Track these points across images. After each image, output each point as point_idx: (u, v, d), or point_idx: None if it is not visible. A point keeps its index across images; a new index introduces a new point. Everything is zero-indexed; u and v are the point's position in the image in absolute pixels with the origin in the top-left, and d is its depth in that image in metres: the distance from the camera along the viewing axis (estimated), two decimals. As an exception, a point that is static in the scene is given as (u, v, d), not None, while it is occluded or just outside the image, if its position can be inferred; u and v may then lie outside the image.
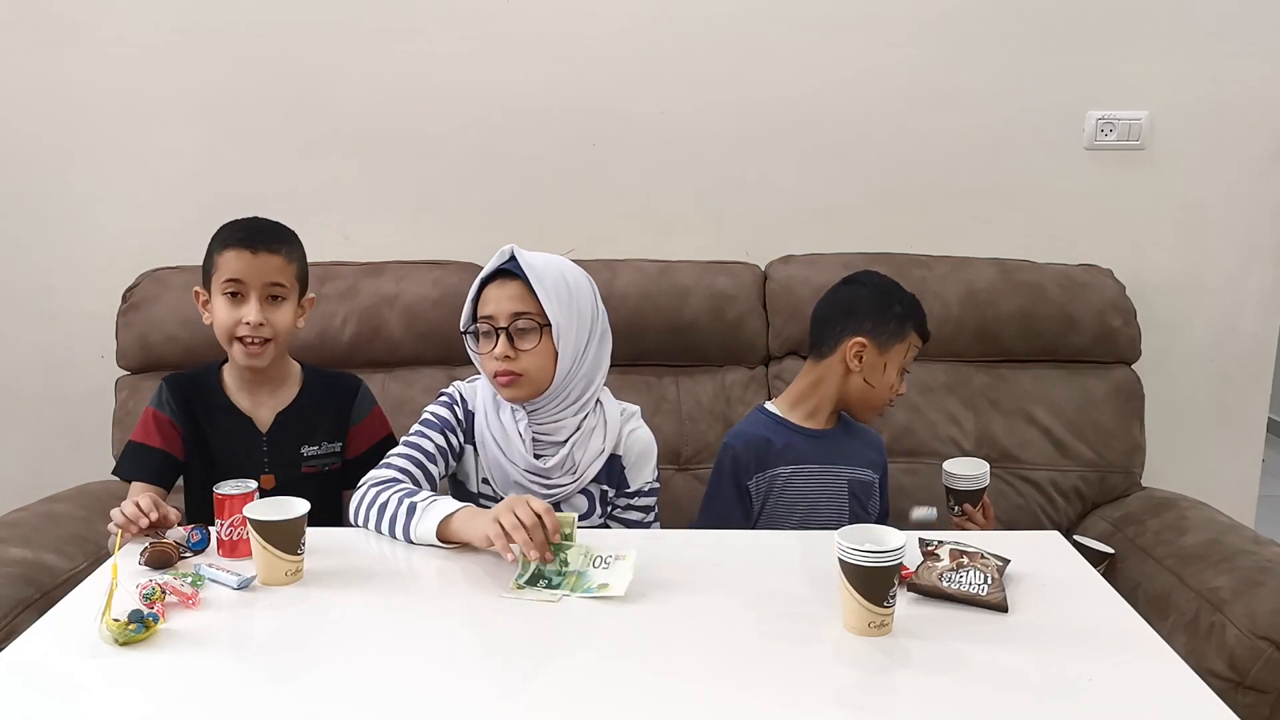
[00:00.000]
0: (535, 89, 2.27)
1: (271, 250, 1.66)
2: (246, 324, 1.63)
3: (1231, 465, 2.42)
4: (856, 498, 1.77)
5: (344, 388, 1.80)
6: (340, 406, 1.77)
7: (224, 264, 1.64)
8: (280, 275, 1.67)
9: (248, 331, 1.64)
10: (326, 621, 1.26)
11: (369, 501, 1.51)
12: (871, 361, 1.71)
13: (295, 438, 1.72)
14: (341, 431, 1.77)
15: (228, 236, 1.67)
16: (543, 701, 1.09)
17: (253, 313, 1.63)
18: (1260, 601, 1.58)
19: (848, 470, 1.77)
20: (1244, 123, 2.30)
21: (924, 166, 2.33)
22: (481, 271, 1.60)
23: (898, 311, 1.73)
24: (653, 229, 2.33)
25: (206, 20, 2.23)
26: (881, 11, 2.25)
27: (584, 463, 1.62)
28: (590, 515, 1.65)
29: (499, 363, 1.55)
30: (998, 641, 1.21)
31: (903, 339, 1.73)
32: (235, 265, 1.64)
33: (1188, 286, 2.36)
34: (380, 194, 2.32)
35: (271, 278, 1.65)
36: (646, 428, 1.70)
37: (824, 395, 1.75)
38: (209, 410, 1.72)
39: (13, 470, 2.36)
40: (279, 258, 1.67)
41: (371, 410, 1.80)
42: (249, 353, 1.65)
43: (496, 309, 1.57)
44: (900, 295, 1.76)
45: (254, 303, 1.64)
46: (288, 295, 1.68)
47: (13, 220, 2.30)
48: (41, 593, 1.58)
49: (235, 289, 1.64)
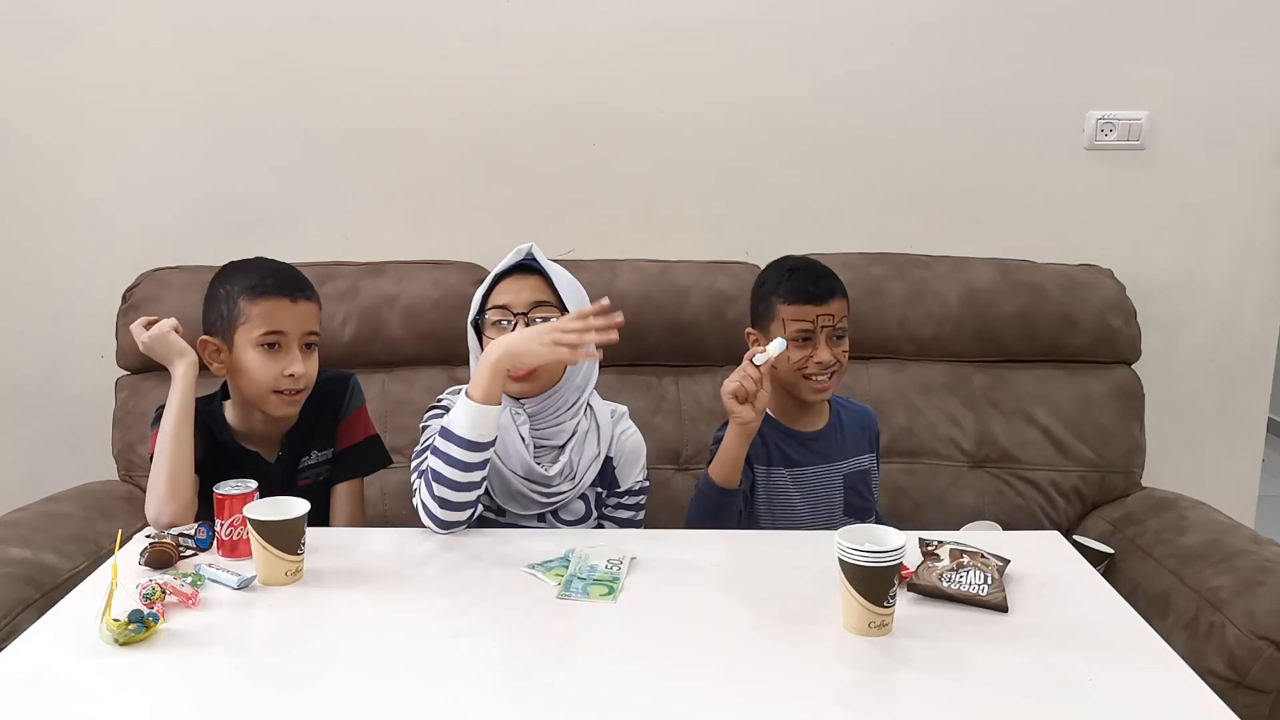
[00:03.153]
0: (535, 89, 2.27)
1: (309, 298, 1.62)
2: (290, 376, 1.56)
3: (1231, 465, 2.42)
4: (854, 489, 1.77)
5: (334, 390, 1.73)
6: (332, 406, 1.73)
7: (261, 314, 1.56)
8: (316, 323, 1.63)
9: (290, 385, 1.57)
10: (326, 621, 1.26)
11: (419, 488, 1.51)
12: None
13: (296, 456, 1.69)
14: (332, 434, 1.72)
15: (259, 284, 1.58)
16: (542, 701, 1.09)
17: (297, 364, 1.57)
18: (1260, 601, 1.58)
19: (844, 464, 1.76)
20: (1244, 123, 2.30)
21: (924, 166, 2.33)
22: (496, 266, 1.60)
23: (764, 289, 1.72)
24: (653, 229, 2.33)
25: (206, 20, 2.23)
26: (881, 11, 2.25)
27: (581, 468, 1.63)
28: (587, 519, 1.66)
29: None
30: (998, 641, 1.21)
31: (773, 315, 1.69)
32: (276, 316, 1.57)
33: (1188, 286, 2.36)
34: (380, 194, 2.32)
35: (310, 326, 1.61)
36: (636, 428, 1.72)
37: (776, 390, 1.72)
38: (218, 447, 1.63)
39: (13, 470, 2.35)
40: (314, 305, 1.63)
41: (360, 407, 1.75)
42: (288, 402, 1.59)
43: (515, 298, 1.58)
44: (769, 272, 1.74)
45: (296, 353, 1.58)
46: (318, 341, 1.64)
47: (13, 220, 2.30)
48: (41, 593, 1.58)
49: (276, 340, 1.57)
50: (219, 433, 1.64)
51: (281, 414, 1.61)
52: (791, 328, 1.66)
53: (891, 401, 2.14)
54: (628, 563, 1.38)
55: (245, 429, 1.66)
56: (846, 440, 1.79)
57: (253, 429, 1.65)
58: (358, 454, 1.73)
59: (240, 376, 1.59)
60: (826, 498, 1.75)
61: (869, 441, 1.81)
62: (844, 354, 1.70)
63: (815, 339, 1.66)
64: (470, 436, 1.46)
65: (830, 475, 1.76)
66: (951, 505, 2.11)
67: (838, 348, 1.69)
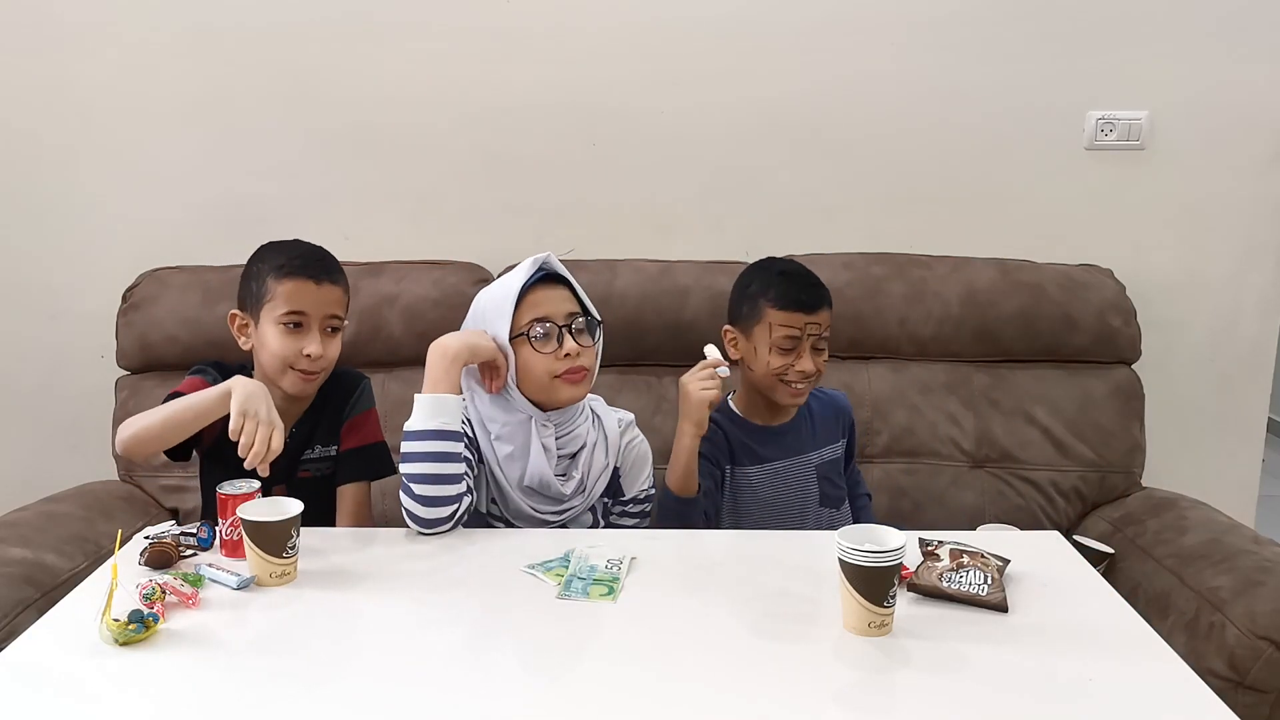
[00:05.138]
0: (535, 89, 2.27)
1: (335, 282, 1.64)
2: (308, 356, 1.60)
3: (1231, 465, 2.42)
4: (827, 479, 1.77)
5: (345, 384, 1.74)
6: (340, 401, 1.74)
7: (285, 294, 1.60)
8: (340, 307, 1.65)
9: (307, 365, 1.60)
10: (326, 622, 1.26)
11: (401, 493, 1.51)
12: (744, 347, 1.71)
13: (299, 446, 1.70)
14: (337, 430, 1.73)
15: (286, 264, 1.61)
16: (541, 701, 1.09)
17: (315, 345, 1.60)
18: (1260, 601, 1.58)
19: (814, 455, 1.77)
20: (1244, 123, 2.29)
21: (924, 166, 2.33)
22: (519, 279, 1.58)
23: (751, 291, 1.71)
24: (653, 229, 2.32)
25: (206, 20, 2.23)
26: (881, 11, 2.25)
27: (591, 479, 1.62)
28: (595, 529, 1.66)
29: (569, 360, 1.54)
30: (998, 641, 1.21)
31: (759, 318, 1.69)
32: (299, 297, 1.60)
33: (1188, 286, 2.35)
34: (380, 194, 2.32)
35: (333, 309, 1.63)
36: (643, 437, 1.72)
37: (746, 388, 1.76)
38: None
39: (13, 470, 2.36)
40: (340, 289, 1.65)
41: (369, 410, 1.76)
42: (304, 381, 1.62)
43: (552, 309, 1.57)
44: (756, 274, 1.74)
45: (315, 334, 1.61)
46: (342, 326, 1.66)
47: (13, 220, 2.30)
48: (41, 593, 1.58)
49: (298, 320, 1.60)
50: None
51: (296, 391, 1.63)
52: (778, 333, 1.66)
53: (891, 401, 2.14)
54: (628, 563, 1.38)
55: None
56: (816, 430, 1.79)
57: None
58: (363, 457, 1.73)
59: (262, 351, 1.63)
60: (800, 490, 1.75)
61: (841, 429, 1.81)
62: (824, 363, 1.70)
63: (800, 347, 1.67)
64: (435, 426, 1.47)
65: (800, 467, 1.76)
66: (951, 505, 2.10)
67: (819, 357, 1.69)
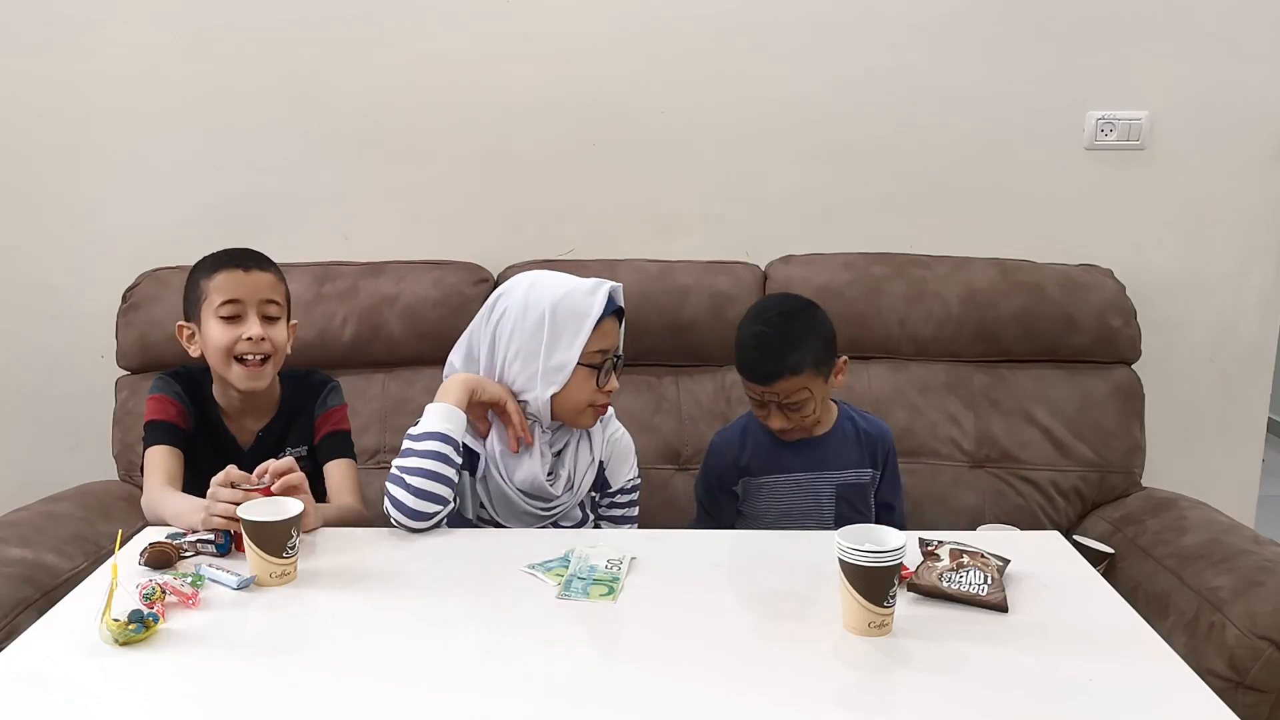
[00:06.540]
0: (535, 89, 2.27)
1: (263, 268, 1.67)
2: (248, 339, 1.62)
3: (1231, 465, 2.42)
4: (847, 501, 1.76)
5: (314, 385, 1.77)
6: (310, 402, 1.76)
7: (217, 286, 1.63)
8: (274, 292, 1.67)
9: (248, 348, 1.62)
10: (326, 622, 1.26)
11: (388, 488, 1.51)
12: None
13: (271, 449, 1.71)
14: (310, 430, 1.75)
15: (214, 262, 1.67)
16: (541, 701, 1.09)
17: (254, 327, 1.62)
18: (1260, 601, 1.58)
19: (835, 475, 1.76)
20: (1244, 123, 2.29)
21: (924, 166, 2.33)
22: (598, 307, 1.56)
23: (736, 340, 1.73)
24: (653, 229, 2.32)
25: (206, 20, 2.23)
26: (881, 11, 2.25)
27: (578, 476, 1.63)
28: (584, 525, 1.67)
29: (607, 395, 1.60)
30: (998, 641, 1.21)
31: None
32: (230, 285, 1.63)
33: (1188, 286, 2.36)
34: (380, 194, 2.32)
35: (266, 294, 1.66)
36: (623, 428, 1.73)
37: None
38: (203, 419, 1.71)
39: (13, 470, 2.36)
40: (271, 275, 1.68)
41: (340, 405, 1.77)
42: (250, 372, 1.64)
43: (611, 343, 1.61)
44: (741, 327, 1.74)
45: (254, 319, 1.63)
46: (281, 314, 1.68)
47: (13, 220, 2.30)
48: (41, 593, 1.58)
49: (234, 310, 1.63)
50: (205, 407, 1.70)
51: (246, 385, 1.65)
52: (748, 390, 1.71)
53: (891, 401, 2.14)
54: (628, 563, 1.38)
55: (226, 406, 1.72)
56: (847, 450, 1.78)
57: (231, 405, 1.71)
58: (340, 438, 1.75)
59: (207, 349, 1.65)
60: (815, 505, 1.75)
61: (874, 457, 1.79)
62: (804, 417, 1.69)
63: (768, 406, 1.69)
64: (443, 430, 1.50)
65: (820, 482, 1.75)
66: (952, 505, 2.11)
67: (796, 413, 1.68)
